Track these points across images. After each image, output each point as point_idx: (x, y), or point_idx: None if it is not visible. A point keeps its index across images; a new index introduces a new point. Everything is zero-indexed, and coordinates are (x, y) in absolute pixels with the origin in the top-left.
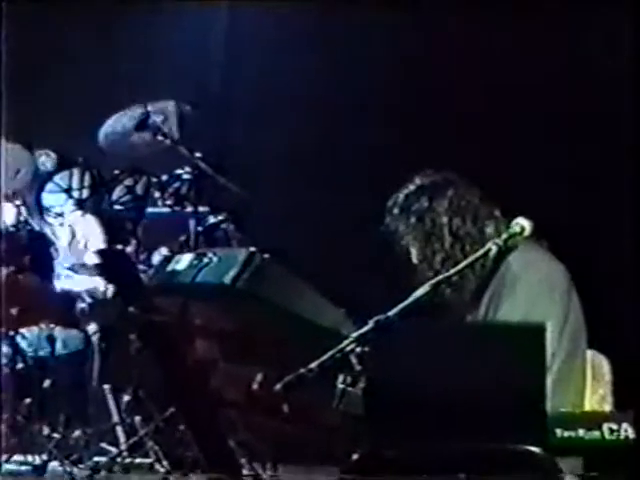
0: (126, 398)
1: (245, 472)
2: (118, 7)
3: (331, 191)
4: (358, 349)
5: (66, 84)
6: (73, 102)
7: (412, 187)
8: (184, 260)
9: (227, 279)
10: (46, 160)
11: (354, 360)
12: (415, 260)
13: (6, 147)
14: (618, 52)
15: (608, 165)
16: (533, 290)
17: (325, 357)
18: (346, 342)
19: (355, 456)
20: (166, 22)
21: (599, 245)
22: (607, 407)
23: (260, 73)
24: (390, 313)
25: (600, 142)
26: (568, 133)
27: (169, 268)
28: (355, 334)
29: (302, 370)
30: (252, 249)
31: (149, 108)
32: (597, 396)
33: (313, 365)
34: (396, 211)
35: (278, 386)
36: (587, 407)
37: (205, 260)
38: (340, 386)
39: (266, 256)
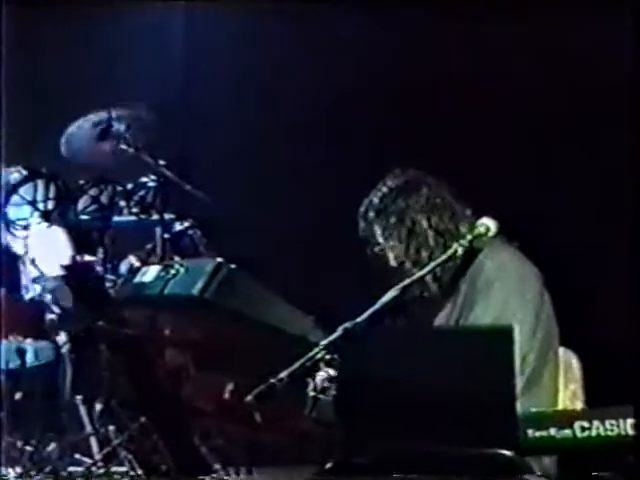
0: (98, 408)
1: (218, 477)
2: (82, 9)
3: (297, 196)
4: (328, 356)
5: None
6: (36, 111)
7: (385, 189)
8: (151, 272)
9: (195, 290)
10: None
11: (324, 368)
12: (394, 263)
13: None
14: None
15: (581, 162)
16: (506, 292)
17: (295, 366)
18: (315, 350)
19: (328, 464)
20: (127, 25)
21: (570, 243)
22: (578, 404)
23: (222, 76)
24: (359, 319)
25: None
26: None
27: (137, 280)
28: (324, 342)
29: (272, 380)
30: (219, 260)
31: (112, 114)
32: (568, 392)
33: (283, 374)
34: (372, 215)
35: (249, 397)
36: (558, 405)
37: (172, 271)
38: (311, 393)
39: (233, 266)
